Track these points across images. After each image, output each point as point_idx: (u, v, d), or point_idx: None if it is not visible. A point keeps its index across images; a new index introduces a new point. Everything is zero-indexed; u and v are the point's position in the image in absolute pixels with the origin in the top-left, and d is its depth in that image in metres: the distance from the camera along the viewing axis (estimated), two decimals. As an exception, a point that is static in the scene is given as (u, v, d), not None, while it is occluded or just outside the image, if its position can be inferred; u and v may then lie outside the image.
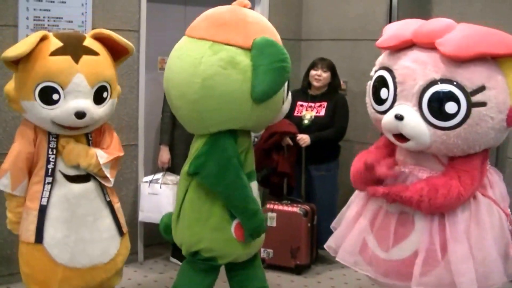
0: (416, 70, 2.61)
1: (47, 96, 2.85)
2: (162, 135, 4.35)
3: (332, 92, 4.56)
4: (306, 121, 4.49)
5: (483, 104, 2.54)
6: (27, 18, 3.72)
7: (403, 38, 2.69)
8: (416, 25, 2.75)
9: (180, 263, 4.42)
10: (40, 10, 3.79)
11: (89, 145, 3.10)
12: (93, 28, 4.02)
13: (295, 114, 4.52)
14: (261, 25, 2.94)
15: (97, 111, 2.96)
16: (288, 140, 4.42)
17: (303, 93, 4.58)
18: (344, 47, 5.01)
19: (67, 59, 2.86)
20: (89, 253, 3.04)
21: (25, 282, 3.06)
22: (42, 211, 2.95)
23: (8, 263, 3.82)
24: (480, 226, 2.69)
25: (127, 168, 4.39)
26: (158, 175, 4.31)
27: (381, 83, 2.79)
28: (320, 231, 4.41)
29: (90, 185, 3.08)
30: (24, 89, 2.86)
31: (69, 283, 3.02)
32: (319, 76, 4.47)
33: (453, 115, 2.55)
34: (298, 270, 4.41)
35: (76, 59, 2.88)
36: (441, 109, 2.57)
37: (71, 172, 3.03)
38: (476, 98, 2.53)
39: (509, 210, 2.79)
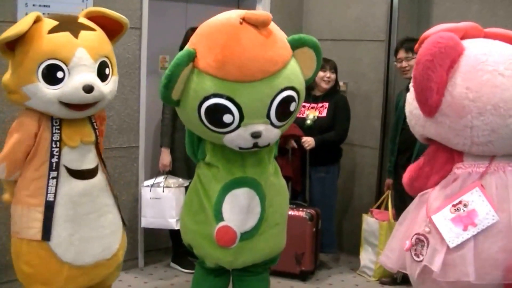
0: None
1: (51, 75, 2.74)
2: (163, 137, 4.25)
3: (333, 92, 4.55)
4: (308, 121, 4.46)
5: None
6: (26, 14, 3.51)
7: None
8: None
9: (181, 269, 4.39)
10: (40, 6, 3.68)
11: (95, 134, 3.02)
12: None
13: (298, 115, 4.43)
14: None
15: (103, 87, 2.88)
16: (293, 143, 4.38)
17: (307, 94, 4.48)
18: (344, 48, 4.99)
19: (66, 35, 2.78)
20: (93, 251, 2.95)
21: (26, 283, 2.94)
22: (50, 207, 2.82)
23: (7, 269, 3.66)
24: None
25: (127, 171, 4.28)
26: (159, 179, 4.19)
27: None
28: (317, 234, 4.40)
29: (95, 180, 2.98)
30: (25, 73, 2.74)
31: (74, 281, 2.93)
32: (328, 78, 4.46)
33: None
34: (303, 276, 4.33)
35: (75, 35, 2.80)
36: None
37: (76, 167, 2.91)
38: None
39: (437, 214, 2.56)
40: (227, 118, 2.71)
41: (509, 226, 2.42)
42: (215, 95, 2.68)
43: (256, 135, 2.77)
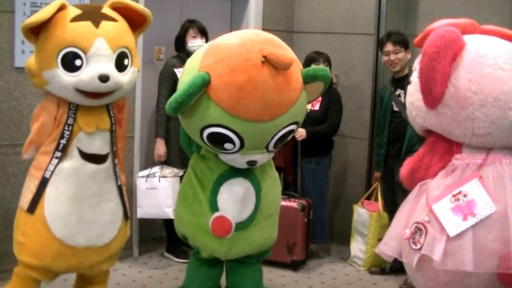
0: None
1: (70, 62, 2.82)
2: (158, 127, 4.26)
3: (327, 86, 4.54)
4: None
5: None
6: (24, 4, 3.61)
7: None
8: None
9: (175, 258, 4.42)
10: (38, -6, 3.69)
11: (111, 122, 3.05)
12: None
13: None
14: None
15: (120, 77, 2.92)
16: (285, 134, 4.39)
17: None
18: (334, 40, 5.04)
19: (87, 24, 2.84)
20: (87, 233, 2.99)
21: (17, 252, 3.00)
22: (43, 183, 2.92)
23: (2, 259, 3.70)
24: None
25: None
26: (154, 169, 4.21)
27: None
28: (308, 225, 4.43)
29: (104, 166, 3.03)
30: (46, 58, 2.83)
31: (63, 259, 2.97)
32: None
33: None
34: (294, 266, 4.38)
35: (96, 24, 2.86)
36: None
37: (88, 150, 2.98)
38: None
39: (437, 204, 2.61)
40: (228, 145, 2.81)
41: (504, 217, 2.48)
42: (221, 126, 2.74)
43: (251, 164, 2.90)
